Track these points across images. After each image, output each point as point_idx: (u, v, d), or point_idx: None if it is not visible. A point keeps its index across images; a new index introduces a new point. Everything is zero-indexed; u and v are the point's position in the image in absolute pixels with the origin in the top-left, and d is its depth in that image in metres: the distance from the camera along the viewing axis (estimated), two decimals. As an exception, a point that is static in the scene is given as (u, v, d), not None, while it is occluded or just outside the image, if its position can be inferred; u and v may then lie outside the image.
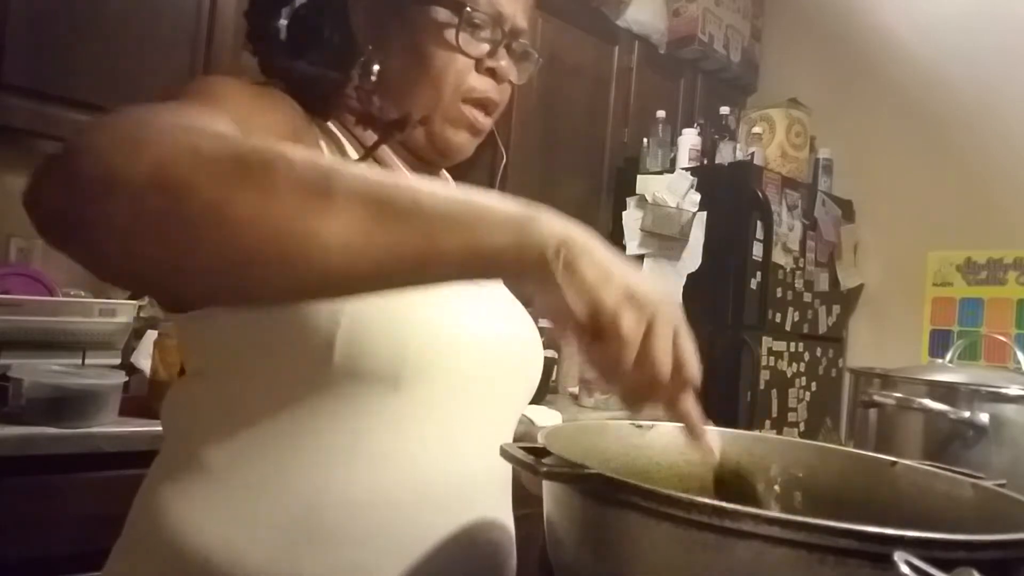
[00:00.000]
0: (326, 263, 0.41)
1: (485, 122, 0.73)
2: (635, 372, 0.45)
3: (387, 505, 0.60)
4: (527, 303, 0.72)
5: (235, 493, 0.59)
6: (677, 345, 0.46)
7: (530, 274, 0.44)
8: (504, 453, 0.46)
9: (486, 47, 0.70)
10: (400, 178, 0.44)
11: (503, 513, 0.71)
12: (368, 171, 0.44)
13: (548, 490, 0.51)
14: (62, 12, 1.61)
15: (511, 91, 0.75)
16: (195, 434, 0.63)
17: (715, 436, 0.50)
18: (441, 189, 0.44)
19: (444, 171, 0.83)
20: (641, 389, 0.46)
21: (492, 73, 0.71)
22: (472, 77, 0.70)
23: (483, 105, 0.71)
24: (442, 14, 0.68)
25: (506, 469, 0.70)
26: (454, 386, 0.65)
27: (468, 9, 0.68)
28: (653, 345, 0.44)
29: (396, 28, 0.69)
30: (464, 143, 0.72)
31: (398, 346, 0.59)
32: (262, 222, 0.40)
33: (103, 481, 1.36)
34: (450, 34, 0.68)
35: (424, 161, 0.74)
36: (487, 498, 0.68)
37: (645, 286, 0.44)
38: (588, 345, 0.45)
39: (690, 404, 0.48)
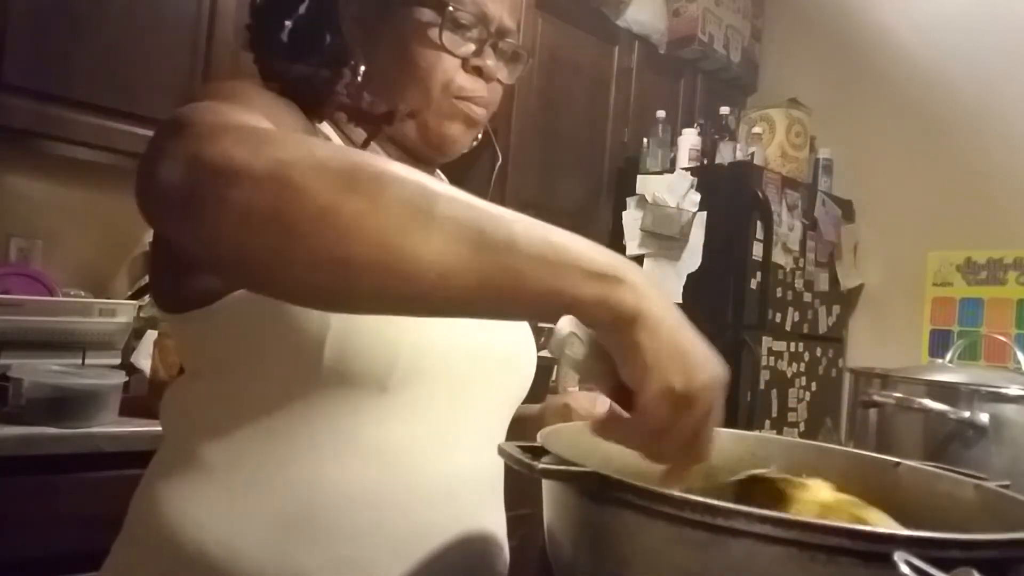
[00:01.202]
0: (419, 281, 0.42)
1: (480, 113, 0.73)
2: (652, 448, 0.46)
3: (380, 501, 0.61)
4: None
5: (231, 490, 0.60)
6: (705, 423, 0.45)
7: (601, 331, 0.44)
8: (501, 452, 0.46)
9: (472, 46, 0.71)
10: (501, 210, 0.45)
11: (494, 513, 0.71)
12: (472, 199, 0.45)
13: (546, 489, 0.51)
14: (62, 12, 1.61)
15: (506, 91, 0.76)
16: (192, 432, 0.64)
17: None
18: (539, 228, 0.45)
19: (442, 174, 0.83)
20: (656, 454, 0.47)
21: (479, 72, 0.71)
22: (460, 76, 0.71)
23: (473, 100, 0.72)
24: (426, 14, 0.69)
25: (497, 468, 0.71)
26: (443, 388, 0.66)
27: (451, 8, 0.68)
28: (676, 432, 0.44)
29: (384, 29, 0.70)
30: (459, 135, 0.73)
31: (387, 350, 0.60)
32: (366, 230, 0.41)
33: (103, 481, 1.36)
34: (434, 33, 0.69)
35: (419, 159, 0.75)
36: (478, 496, 0.68)
37: (698, 380, 0.44)
38: (618, 409, 0.46)
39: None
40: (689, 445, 0.45)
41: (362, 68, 0.70)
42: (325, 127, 0.70)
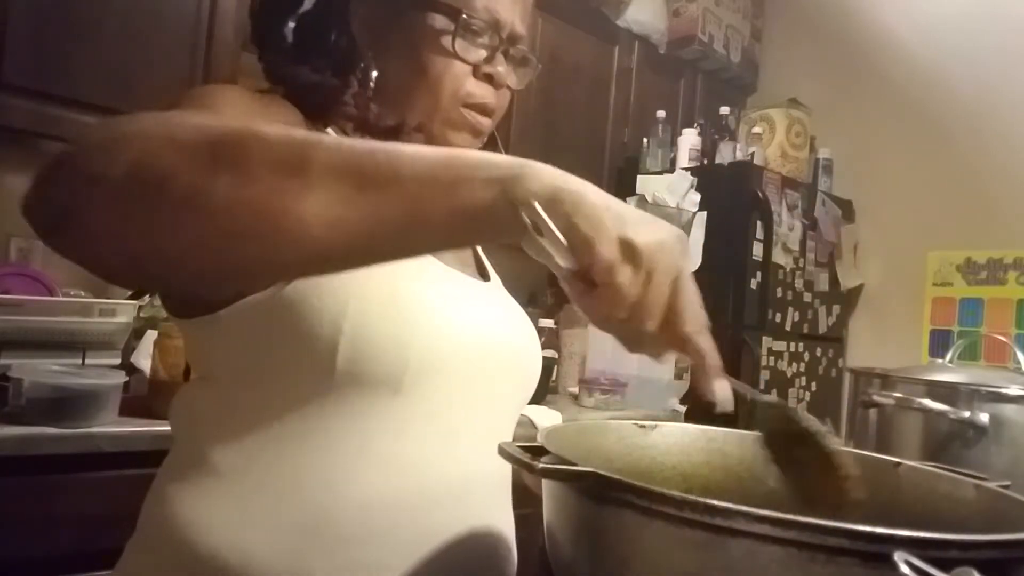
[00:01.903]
0: (308, 239, 0.41)
1: (485, 124, 0.73)
2: (626, 323, 0.43)
3: (393, 505, 0.61)
4: (527, 303, 0.73)
5: (245, 494, 0.60)
6: (674, 295, 0.43)
7: (519, 230, 0.42)
8: (502, 452, 0.46)
9: (483, 53, 0.70)
10: (381, 145, 0.43)
11: (503, 513, 0.71)
12: (347, 141, 0.43)
13: (546, 489, 0.51)
14: (62, 12, 1.61)
15: (510, 95, 0.75)
16: (204, 437, 0.63)
17: (726, 385, 0.48)
18: (426, 152, 0.43)
19: None
20: (635, 338, 0.45)
21: (490, 79, 0.71)
22: (470, 83, 0.70)
23: (481, 109, 0.71)
24: (439, 21, 0.68)
25: (506, 470, 0.71)
26: (455, 390, 0.65)
27: (465, 16, 0.68)
28: (645, 300, 0.42)
29: (394, 35, 0.70)
30: (464, 146, 0.72)
31: (400, 352, 0.60)
32: (240, 203, 0.40)
33: (103, 481, 1.36)
34: (447, 40, 0.68)
35: None
36: (488, 498, 0.68)
37: (643, 235, 0.42)
38: (582, 294, 0.43)
39: (702, 347, 0.45)
40: (673, 314, 0.43)
41: (373, 74, 0.69)
42: (330, 133, 0.70)
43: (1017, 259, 2.61)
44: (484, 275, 0.80)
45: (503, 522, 0.70)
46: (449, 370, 0.64)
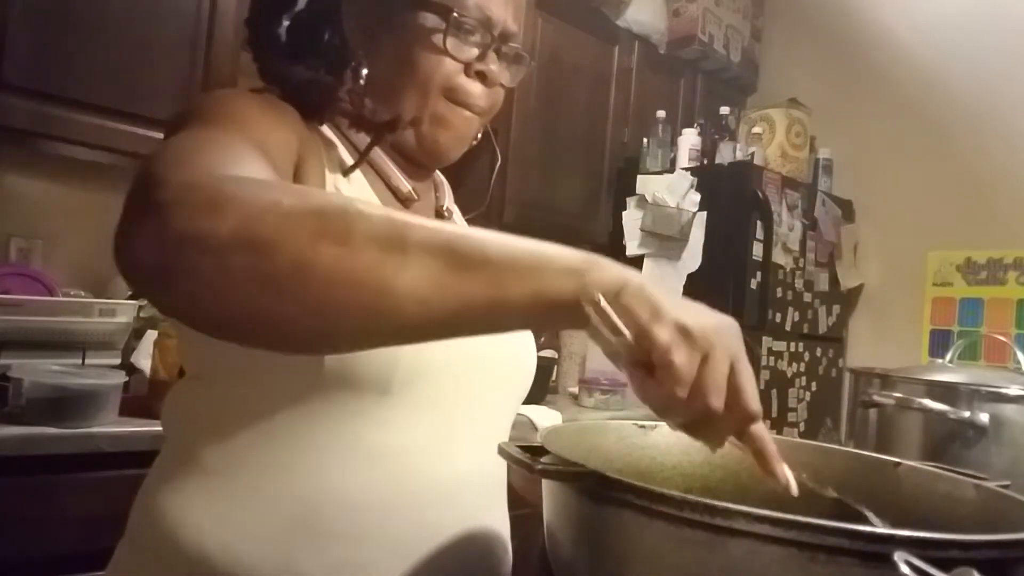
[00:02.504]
0: (402, 313, 0.43)
1: (476, 122, 0.73)
2: (688, 405, 0.44)
3: (383, 504, 0.61)
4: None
5: (234, 493, 0.60)
6: (733, 376, 0.44)
7: (590, 311, 0.44)
8: (501, 452, 0.46)
9: (475, 51, 0.70)
10: (470, 229, 0.45)
11: (498, 512, 0.71)
12: (439, 223, 0.46)
13: (546, 489, 0.51)
14: (62, 12, 1.61)
15: (508, 94, 0.76)
16: (194, 436, 0.64)
17: (787, 469, 0.48)
18: (509, 239, 0.45)
19: (440, 175, 0.83)
20: (698, 422, 0.45)
21: (482, 77, 0.71)
22: (460, 80, 0.70)
23: (473, 107, 0.72)
24: (430, 19, 0.68)
25: (501, 469, 0.71)
26: (446, 390, 0.66)
27: (456, 14, 0.68)
28: (705, 378, 0.43)
29: (386, 34, 0.70)
30: (451, 144, 0.73)
31: (389, 352, 0.60)
32: (342, 275, 0.42)
33: (103, 481, 1.36)
34: (438, 39, 0.68)
35: (415, 164, 0.75)
36: (481, 498, 0.68)
37: (700, 320, 0.44)
38: (642, 380, 0.44)
39: (760, 433, 0.46)
40: (735, 393, 0.44)
41: (364, 72, 0.70)
42: (326, 130, 0.70)
43: (1017, 259, 2.61)
44: None
45: (497, 522, 0.70)
46: (439, 371, 0.65)
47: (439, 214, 0.80)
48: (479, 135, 0.78)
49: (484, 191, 2.35)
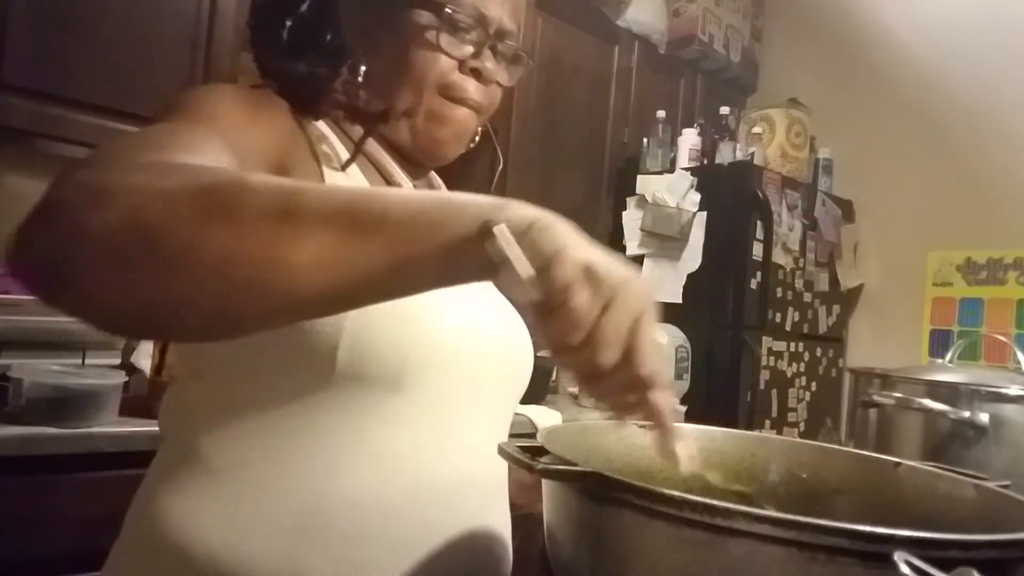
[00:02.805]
0: (304, 287, 0.41)
1: (472, 120, 0.73)
2: (579, 353, 0.42)
3: (388, 503, 0.61)
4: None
5: (238, 493, 0.60)
6: (633, 332, 0.42)
7: (487, 244, 0.42)
8: (501, 452, 0.46)
9: (470, 48, 0.70)
10: (370, 189, 0.44)
11: (498, 512, 0.71)
12: (335, 187, 0.44)
13: (546, 489, 0.51)
14: (62, 12, 1.61)
15: (506, 91, 0.76)
16: (195, 435, 0.63)
17: (687, 444, 0.47)
18: (416, 194, 0.44)
19: (437, 177, 0.84)
20: (590, 377, 0.43)
21: (477, 74, 0.71)
22: (455, 77, 0.70)
23: (468, 104, 0.71)
24: (424, 16, 0.69)
25: (502, 469, 0.71)
26: (453, 387, 0.66)
27: (449, 10, 0.68)
28: (602, 327, 0.41)
29: (383, 31, 0.70)
30: (448, 140, 0.72)
31: (401, 349, 0.60)
32: (235, 255, 0.40)
33: (103, 481, 1.36)
34: (432, 35, 0.68)
35: (412, 162, 0.75)
36: (482, 498, 0.68)
37: (610, 267, 0.42)
38: (542, 320, 0.42)
39: (659, 405, 0.44)
40: (631, 353, 0.42)
41: (362, 68, 0.70)
42: (322, 125, 0.70)
43: (1017, 259, 2.61)
44: None
45: (499, 522, 0.70)
46: (449, 367, 0.65)
47: None
48: (478, 135, 0.78)
49: (484, 192, 2.34)
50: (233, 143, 0.55)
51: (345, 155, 0.69)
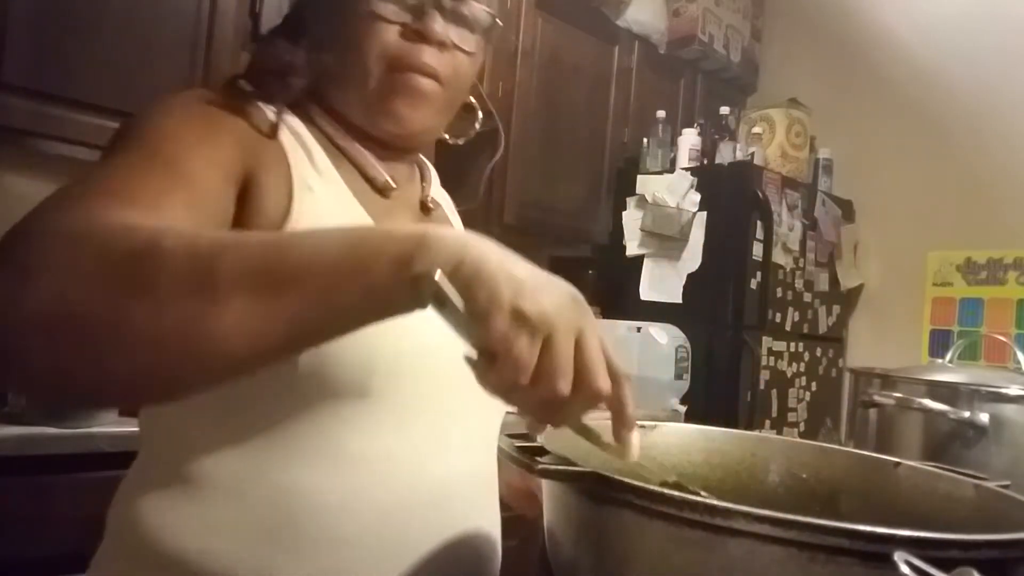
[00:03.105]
0: (234, 351, 0.42)
1: (429, 87, 0.67)
2: (533, 393, 0.42)
3: (364, 510, 0.60)
4: None
5: (212, 498, 0.59)
6: (580, 353, 0.42)
7: (431, 304, 0.42)
8: (501, 452, 0.46)
9: (408, 16, 0.66)
10: (283, 238, 0.44)
11: (488, 513, 0.70)
12: (251, 239, 0.44)
13: (546, 489, 0.51)
14: (62, 12, 1.61)
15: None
16: (170, 441, 0.63)
17: (637, 436, 0.47)
18: (331, 238, 0.44)
19: (427, 163, 0.81)
20: (547, 407, 0.43)
21: (421, 37, 0.66)
22: (401, 44, 0.66)
23: (419, 70, 0.66)
24: None
25: (490, 471, 0.70)
26: (431, 390, 0.64)
27: None
28: (548, 363, 0.41)
29: (335, 13, 0.68)
30: (410, 112, 0.68)
31: (365, 356, 0.59)
32: (159, 330, 0.41)
33: (103, 481, 1.34)
34: (367, 1, 0.65)
35: (391, 148, 0.72)
36: (470, 501, 0.67)
37: (538, 303, 0.41)
38: (484, 370, 0.43)
39: (621, 397, 0.45)
40: (582, 372, 0.42)
41: (317, 48, 0.67)
42: (297, 124, 0.67)
43: (1017, 259, 2.61)
44: None
45: (487, 526, 0.69)
46: (423, 372, 0.63)
47: (423, 205, 0.77)
48: (479, 120, 0.75)
49: (485, 192, 2.35)
50: (190, 173, 0.55)
51: (320, 154, 0.67)
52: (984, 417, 1.01)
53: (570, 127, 2.64)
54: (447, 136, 0.79)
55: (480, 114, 0.80)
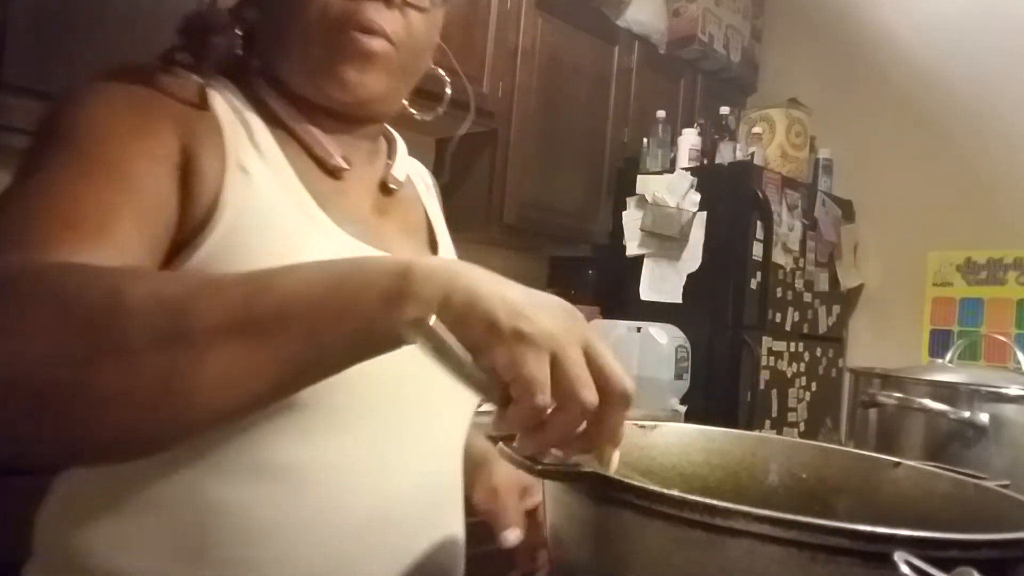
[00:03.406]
0: (217, 401, 0.39)
1: (379, 47, 0.61)
2: (563, 414, 0.40)
3: (293, 529, 0.55)
4: None
5: (136, 515, 0.55)
6: (592, 361, 0.40)
7: (421, 341, 0.40)
8: (501, 452, 0.46)
9: None
10: (261, 279, 0.41)
11: (445, 526, 0.65)
12: (224, 281, 0.41)
13: (547, 490, 0.51)
14: (62, 12, 1.61)
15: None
16: None
17: (618, 452, 0.44)
18: (312, 276, 0.41)
19: (394, 134, 0.76)
20: (582, 434, 0.41)
21: None
22: (341, 2, 0.60)
23: (367, 29, 0.60)
24: None
25: (450, 481, 0.66)
26: (380, 397, 0.59)
27: None
28: (564, 377, 0.39)
29: None
30: (355, 75, 0.61)
31: None
32: (131, 389, 0.38)
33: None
34: None
35: (343, 120, 0.66)
36: (422, 517, 0.62)
37: (537, 321, 0.39)
38: (504, 410, 0.40)
39: (619, 420, 0.43)
40: (603, 379, 0.40)
41: (252, 11, 0.64)
42: (236, 98, 0.63)
43: (1017, 259, 2.61)
44: None
45: (445, 540, 0.64)
46: (370, 377, 0.56)
47: (383, 185, 0.70)
48: (447, 94, 0.71)
49: (484, 189, 2.35)
50: (131, 179, 0.52)
51: (263, 131, 0.62)
52: (984, 417, 1.01)
53: (570, 127, 2.64)
54: (413, 111, 0.73)
55: (448, 85, 0.74)
